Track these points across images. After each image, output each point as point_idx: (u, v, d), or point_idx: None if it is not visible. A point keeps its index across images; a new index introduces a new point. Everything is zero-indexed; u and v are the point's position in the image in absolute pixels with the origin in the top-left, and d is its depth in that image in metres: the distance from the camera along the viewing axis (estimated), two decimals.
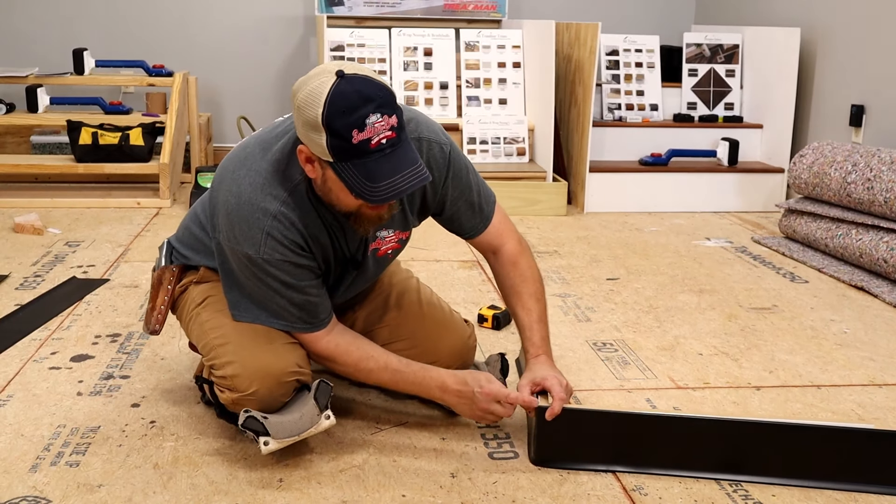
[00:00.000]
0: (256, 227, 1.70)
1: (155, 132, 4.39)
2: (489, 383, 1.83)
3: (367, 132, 1.56)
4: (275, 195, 1.72)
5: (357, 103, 1.56)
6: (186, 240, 2.01)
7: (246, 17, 5.22)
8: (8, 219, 3.83)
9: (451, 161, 1.87)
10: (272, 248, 1.71)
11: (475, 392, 1.82)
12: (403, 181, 1.60)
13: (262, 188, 1.72)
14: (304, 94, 1.60)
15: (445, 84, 4.63)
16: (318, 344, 1.85)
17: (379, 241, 1.90)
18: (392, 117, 1.59)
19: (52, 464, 1.82)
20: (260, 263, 1.73)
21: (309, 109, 1.58)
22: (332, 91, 1.56)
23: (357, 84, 1.57)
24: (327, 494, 1.73)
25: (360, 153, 1.58)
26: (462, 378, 1.84)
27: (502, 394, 1.82)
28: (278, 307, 1.80)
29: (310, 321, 1.83)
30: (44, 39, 5.05)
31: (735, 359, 2.50)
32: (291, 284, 1.77)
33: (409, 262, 3.15)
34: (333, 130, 1.56)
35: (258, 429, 1.75)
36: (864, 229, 3.37)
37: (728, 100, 4.75)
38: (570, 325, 2.74)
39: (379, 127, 1.57)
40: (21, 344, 2.47)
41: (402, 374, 1.86)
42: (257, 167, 1.74)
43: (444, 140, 1.86)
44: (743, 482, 1.81)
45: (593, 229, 4.01)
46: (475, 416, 1.87)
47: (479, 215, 1.96)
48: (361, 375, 1.89)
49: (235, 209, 1.72)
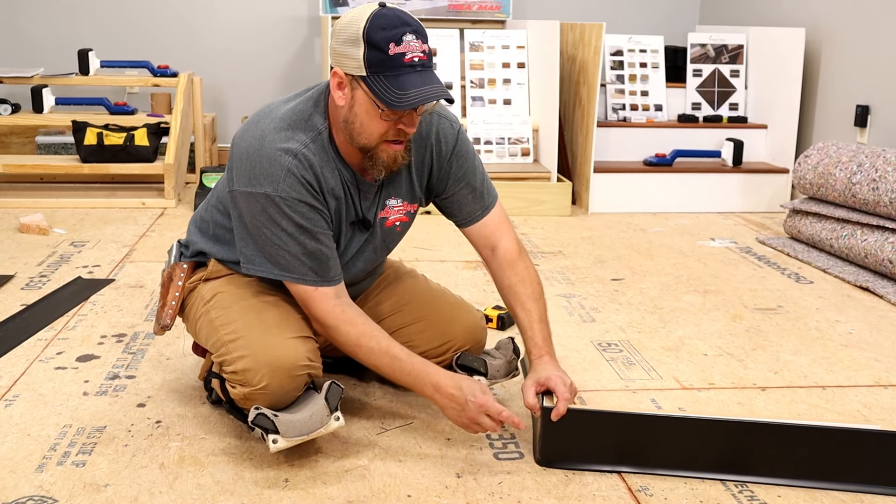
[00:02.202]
0: (277, 163, 1.76)
1: (160, 132, 4.40)
2: (483, 395, 1.81)
3: (403, 47, 1.68)
4: (297, 139, 1.79)
5: (396, 23, 1.69)
6: (203, 227, 2.02)
7: (250, 18, 5.23)
8: (13, 219, 3.84)
9: (459, 138, 1.95)
10: (290, 185, 1.75)
11: (468, 400, 1.79)
12: (431, 91, 1.70)
13: (285, 131, 1.79)
14: (346, 18, 1.72)
15: (450, 84, 4.62)
16: (326, 303, 1.83)
17: (388, 210, 1.94)
18: (425, 45, 1.72)
19: (59, 463, 1.83)
20: (277, 202, 1.76)
21: (350, 27, 1.70)
22: (374, 13, 1.70)
23: (397, 11, 1.72)
24: (333, 494, 1.74)
25: (394, 65, 1.68)
26: (458, 383, 1.82)
27: (494, 409, 1.79)
28: (291, 257, 1.80)
29: (321, 274, 1.83)
30: (49, 40, 5.06)
31: (740, 359, 2.50)
32: (306, 228, 1.78)
33: (413, 262, 3.15)
34: (372, 42, 1.68)
35: (268, 426, 1.75)
36: (869, 230, 3.37)
37: (733, 100, 4.75)
38: (575, 326, 2.74)
39: (414, 46, 1.69)
40: (27, 344, 2.47)
41: (400, 363, 1.84)
42: (281, 114, 1.82)
43: (455, 119, 1.97)
44: (748, 483, 1.81)
45: (597, 230, 4.01)
46: (461, 424, 1.84)
47: (479, 202, 2.00)
48: (360, 352, 1.85)
49: (257, 150, 1.78)
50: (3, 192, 4.30)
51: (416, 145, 1.91)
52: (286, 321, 1.87)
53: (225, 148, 5.22)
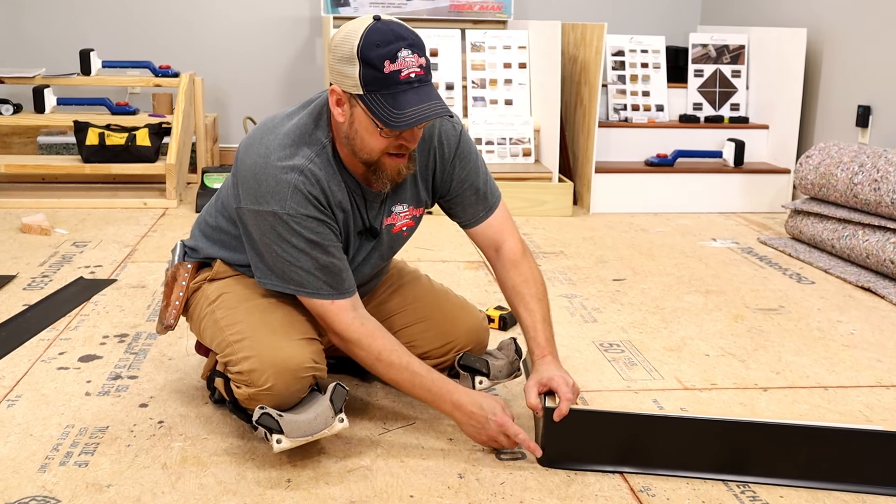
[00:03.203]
0: (284, 181, 1.75)
1: (161, 133, 4.40)
2: (503, 413, 1.84)
3: (399, 64, 1.67)
4: (302, 154, 1.78)
5: (391, 38, 1.67)
6: (209, 234, 2.02)
7: (252, 18, 5.23)
8: (15, 219, 3.84)
9: (461, 139, 1.95)
10: (297, 202, 1.75)
11: (488, 418, 1.83)
12: (429, 109, 1.68)
13: (289, 148, 1.79)
14: (341, 34, 1.71)
15: (451, 85, 4.63)
16: (344, 317, 1.83)
17: (394, 217, 1.94)
18: (422, 58, 1.70)
19: (61, 464, 1.83)
20: (286, 219, 1.75)
21: (345, 44, 1.69)
22: (368, 28, 1.68)
23: (392, 25, 1.70)
24: (335, 494, 1.74)
25: (390, 83, 1.67)
26: (478, 401, 1.85)
27: (512, 430, 1.83)
28: (304, 272, 1.80)
29: (336, 287, 1.82)
30: (51, 40, 5.07)
31: (742, 360, 2.50)
32: (316, 243, 1.78)
33: (415, 262, 3.15)
34: (367, 61, 1.66)
35: (272, 426, 1.75)
36: (870, 230, 3.37)
37: (734, 100, 4.75)
38: (577, 326, 2.74)
39: (410, 62, 1.68)
40: (29, 344, 2.47)
41: (421, 379, 1.85)
42: (285, 131, 1.81)
43: (458, 120, 1.97)
44: (750, 483, 1.81)
45: (599, 230, 4.01)
46: (479, 440, 1.88)
47: (483, 203, 2.00)
48: (380, 366, 1.86)
49: (263, 168, 1.77)
50: (5, 193, 4.31)
51: (420, 149, 1.91)
52: (292, 323, 1.87)
53: (226, 148, 5.23)
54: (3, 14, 5.05)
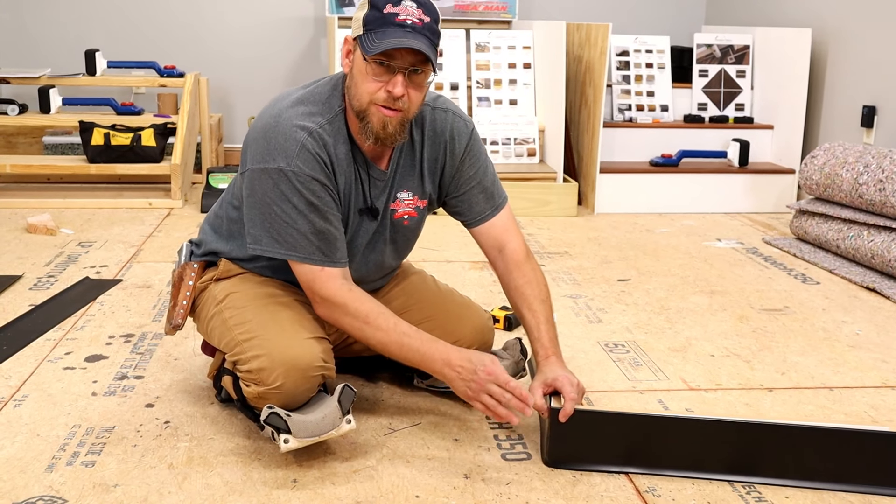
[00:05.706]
0: (293, 138, 1.78)
1: (166, 133, 4.40)
2: (492, 364, 1.79)
3: (398, 9, 1.74)
4: (314, 119, 1.82)
5: None
6: (216, 224, 2.03)
7: (257, 19, 5.23)
8: (21, 219, 3.85)
9: (472, 137, 1.99)
10: (304, 160, 1.78)
11: (477, 369, 1.78)
12: (406, 41, 1.72)
13: (302, 107, 1.83)
14: None
15: (456, 85, 4.63)
16: (333, 283, 1.83)
17: (398, 202, 1.96)
18: (426, 15, 1.75)
19: (68, 464, 1.83)
20: (290, 176, 1.78)
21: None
22: None
23: None
24: (341, 495, 1.74)
25: (385, 22, 1.73)
26: (467, 356, 1.81)
27: (503, 378, 1.77)
28: (299, 235, 1.80)
29: (328, 254, 1.83)
30: (56, 41, 5.08)
31: (747, 360, 2.50)
32: (316, 206, 1.80)
33: (420, 263, 3.16)
34: (373, 3, 1.75)
35: (280, 426, 1.76)
36: (875, 230, 3.36)
37: (739, 100, 4.74)
38: (582, 327, 2.74)
39: (410, 10, 1.74)
40: (35, 344, 2.48)
41: (410, 340, 1.83)
42: (299, 96, 1.86)
43: (469, 119, 2.01)
44: (756, 484, 1.81)
45: (604, 230, 4.01)
46: (470, 396, 1.80)
47: (490, 202, 2.02)
48: (368, 331, 1.83)
49: (273, 127, 1.81)
50: (11, 193, 4.32)
51: (431, 141, 1.94)
52: (301, 321, 1.88)
53: (231, 148, 5.24)
54: (9, 14, 5.06)
